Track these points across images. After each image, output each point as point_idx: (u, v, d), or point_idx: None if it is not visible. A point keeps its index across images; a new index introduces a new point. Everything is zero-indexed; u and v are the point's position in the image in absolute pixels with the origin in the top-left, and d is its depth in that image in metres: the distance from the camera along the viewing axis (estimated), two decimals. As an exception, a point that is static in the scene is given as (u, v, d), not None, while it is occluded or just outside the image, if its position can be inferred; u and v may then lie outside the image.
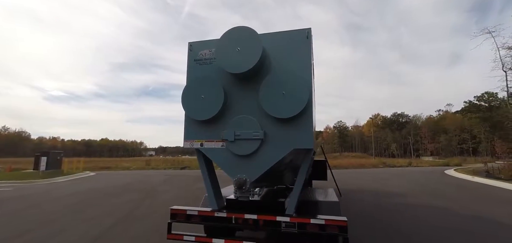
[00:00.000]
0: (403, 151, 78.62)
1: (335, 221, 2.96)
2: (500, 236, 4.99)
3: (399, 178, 15.97)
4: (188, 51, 3.63)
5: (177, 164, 34.25)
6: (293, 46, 3.22)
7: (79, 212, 7.18)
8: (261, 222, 3.20)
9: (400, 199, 8.87)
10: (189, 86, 3.40)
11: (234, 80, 3.32)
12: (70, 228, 5.56)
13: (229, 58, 3.14)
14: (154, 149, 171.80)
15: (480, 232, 5.17)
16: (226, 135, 3.20)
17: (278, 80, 3.07)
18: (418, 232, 5.16)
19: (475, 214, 6.66)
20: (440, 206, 7.58)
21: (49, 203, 8.58)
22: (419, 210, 7.10)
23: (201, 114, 3.31)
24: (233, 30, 3.22)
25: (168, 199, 9.14)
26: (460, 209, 7.19)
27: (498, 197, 9.29)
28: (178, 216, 3.55)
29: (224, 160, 3.29)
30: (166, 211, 7.10)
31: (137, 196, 9.69)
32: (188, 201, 8.61)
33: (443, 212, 6.83)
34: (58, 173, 18.94)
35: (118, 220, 6.21)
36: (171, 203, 8.50)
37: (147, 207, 7.81)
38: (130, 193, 10.66)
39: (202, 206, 3.91)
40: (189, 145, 3.46)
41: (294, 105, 2.98)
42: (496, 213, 6.77)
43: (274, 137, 3.13)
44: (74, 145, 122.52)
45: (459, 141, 68.08)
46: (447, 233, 5.14)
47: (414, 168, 28.93)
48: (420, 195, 9.72)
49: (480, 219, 6.16)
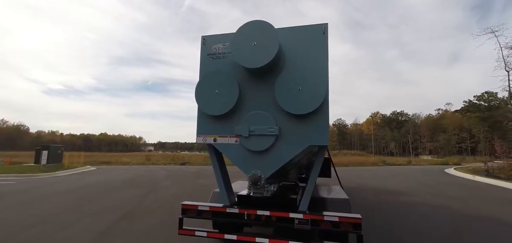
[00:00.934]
0: (402, 150, 78.89)
1: (349, 218, 2.95)
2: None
3: (401, 177, 16.02)
4: (201, 45, 3.59)
5: (177, 160, 34.27)
6: (309, 42, 3.18)
7: (84, 205, 7.18)
8: (274, 218, 3.19)
9: (404, 198, 8.90)
10: (203, 81, 3.37)
11: (248, 75, 3.29)
12: (77, 222, 5.54)
13: (244, 53, 3.10)
14: (153, 144, 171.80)
15: (489, 233, 5.19)
16: (240, 130, 3.18)
17: (294, 76, 3.04)
18: (428, 234, 5.18)
19: (481, 213, 6.69)
20: (447, 206, 7.61)
21: (54, 197, 8.55)
22: (430, 211, 7.13)
23: (215, 109, 3.28)
24: (249, 24, 3.17)
25: (172, 194, 9.15)
26: (467, 209, 7.22)
27: (502, 197, 9.34)
28: (189, 212, 3.52)
29: (238, 155, 3.27)
30: (171, 206, 7.17)
31: (141, 191, 9.68)
32: (192, 196, 8.62)
33: (452, 212, 6.86)
34: (59, 167, 18.89)
35: (124, 214, 6.20)
36: (175, 198, 8.56)
37: (152, 201, 7.81)
38: (133, 187, 10.66)
39: (211, 202, 3.90)
40: (201, 140, 3.44)
41: (310, 101, 2.95)
42: (502, 212, 6.80)
43: (289, 133, 3.11)
44: (73, 139, 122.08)
45: (458, 140, 68.33)
46: (455, 235, 5.16)
47: (414, 166, 29.06)
48: (421, 194, 9.75)
49: (488, 220, 6.19)
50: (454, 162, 34.09)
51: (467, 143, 65.39)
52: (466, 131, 65.94)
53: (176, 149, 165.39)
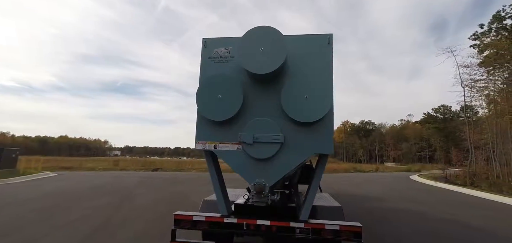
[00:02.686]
0: (369, 157, 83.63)
1: (350, 226, 2.98)
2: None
3: (373, 184, 16.88)
4: (202, 47, 3.45)
5: (148, 165, 32.61)
6: (315, 51, 3.21)
7: (48, 218, 6.40)
8: (274, 228, 3.11)
9: (380, 203, 9.34)
10: (206, 84, 3.21)
11: (252, 81, 3.21)
12: (41, 237, 4.91)
13: (252, 58, 3.02)
14: (120, 149, 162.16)
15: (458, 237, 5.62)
16: (244, 137, 3.07)
17: (301, 83, 3.03)
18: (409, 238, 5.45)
19: (449, 217, 7.25)
20: (418, 210, 8.13)
21: (10, 208, 7.55)
22: (402, 214, 7.54)
23: (217, 114, 3.14)
24: (256, 30, 3.11)
25: (149, 201, 8.60)
26: (437, 213, 7.79)
27: (462, 202, 10.27)
28: (183, 222, 3.30)
29: (240, 163, 3.15)
30: (152, 214, 6.72)
31: (114, 199, 8.96)
32: (172, 204, 8.15)
33: (422, 216, 7.33)
34: (14, 172, 16.84)
35: (96, 227, 5.64)
36: (153, 205, 8.08)
37: (129, 210, 7.25)
38: (105, 195, 9.83)
39: (202, 211, 3.71)
40: (201, 146, 3.26)
41: (317, 109, 2.95)
42: (466, 215, 7.44)
43: (293, 141, 3.08)
44: (26, 141, 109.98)
45: (418, 149, 74.33)
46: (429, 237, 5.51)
47: (382, 173, 30.90)
48: (397, 200, 10.35)
49: (456, 223, 6.71)
50: (415, 169, 36.96)
51: (426, 151, 71.39)
52: (425, 140, 72.05)
53: (145, 153, 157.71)
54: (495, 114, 18.68)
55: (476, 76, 20.07)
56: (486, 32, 19.47)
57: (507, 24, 18.10)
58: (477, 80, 20.22)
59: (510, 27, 17.93)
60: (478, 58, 19.86)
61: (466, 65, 19.86)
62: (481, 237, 5.50)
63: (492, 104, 20.62)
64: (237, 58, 3.27)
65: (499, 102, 19.36)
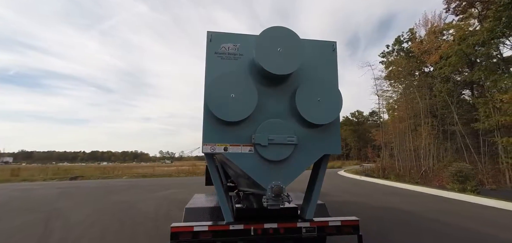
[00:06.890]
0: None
1: (350, 221, 3.27)
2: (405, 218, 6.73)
3: (311, 179, 18.62)
4: (207, 41, 3.14)
5: (63, 174, 27.12)
6: (322, 56, 3.35)
7: None
8: (282, 230, 3.13)
9: (325, 198, 10.38)
10: (217, 82, 2.93)
11: (265, 81, 3.12)
12: None
13: (269, 58, 2.93)
14: (12, 154, 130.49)
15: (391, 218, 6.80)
16: (259, 138, 2.94)
17: (314, 86, 3.11)
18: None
19: (386, 205, 8.67)
20: (359, 201, 9.41)
21: None
22: (353, 206, 8.58)
23: (230, 114, 2.90)
24: (273, 29, 3.04)
25: (87, 215, 7.16)
26: (374, 202, 9.18)
27: (387, 191, 12.44)
28: (182, 235, 2.96)
29: (253, 166, 3.00)
30: (99, 233, 5.61)
31: (33, 218, 7.10)
32: (122, 219, 6.99)
33: (365, 205, 8.53)
34: None
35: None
36: (96, 218, 6.79)
37: (62, 231, 5.87)
38: (17, 215, 7.67)
39: (187, 221, 3.40)
40: (209, 149, 2.96)
41: (330, 112, 3.09)
42: (396, 202, 9.06)
43: (305, 142, 3.14)
44: None
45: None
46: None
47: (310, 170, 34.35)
48: (340, 193, 11.71)
49: (394, 209, 8.08)
50: (338, 165, 42.58)
51: (344, 150, 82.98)
52: (343, 140, 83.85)
53: (51, 159, 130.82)
54: (397, 120, 23.40)
55: (384, 87, 24.87)
56: (390, 51, 24.30)
57: (404, 47, 23.01)
58: (385, 91, 25.09)
59: (406, 50, 22.85)
60: (384, 73, 24.63)
61: (377, 78, 24.32)
62: (416, 219, 6.80)
63: (390, 111, 25.92)
64: (247, 56, 3.14)
65: (396, 110, 24.49)
